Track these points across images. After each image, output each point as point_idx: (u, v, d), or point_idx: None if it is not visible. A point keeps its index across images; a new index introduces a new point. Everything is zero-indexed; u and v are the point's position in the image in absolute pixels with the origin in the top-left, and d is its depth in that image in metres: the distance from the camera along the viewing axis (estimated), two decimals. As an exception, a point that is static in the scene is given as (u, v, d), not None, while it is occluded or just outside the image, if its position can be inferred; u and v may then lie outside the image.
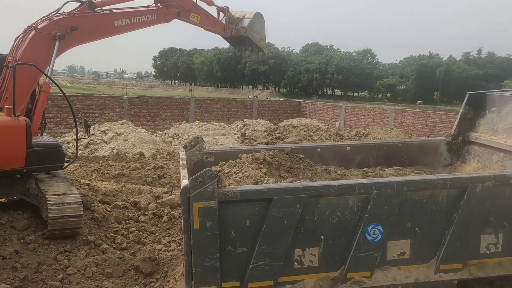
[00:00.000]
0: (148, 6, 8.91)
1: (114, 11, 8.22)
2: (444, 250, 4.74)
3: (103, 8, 8.11)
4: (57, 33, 7.38)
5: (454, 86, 69.90)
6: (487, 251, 4.92)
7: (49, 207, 6.75)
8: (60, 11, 7.82)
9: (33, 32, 7.38)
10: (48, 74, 7.47)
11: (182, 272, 5.40)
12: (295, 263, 4.50)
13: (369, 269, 4.61)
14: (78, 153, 9.89)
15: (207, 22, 9.90)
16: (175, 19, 9.46)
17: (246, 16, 10.35)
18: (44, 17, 7.77)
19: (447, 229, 4.74)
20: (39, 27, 7.48)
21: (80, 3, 7.85)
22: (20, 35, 7.67)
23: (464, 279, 4.84)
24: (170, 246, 7.55)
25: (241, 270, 4.39)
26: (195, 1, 9.64)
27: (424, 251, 4.77)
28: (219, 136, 20.01)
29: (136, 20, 8.34)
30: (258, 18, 10.56)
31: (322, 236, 4.50)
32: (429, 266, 4.78)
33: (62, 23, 7.54)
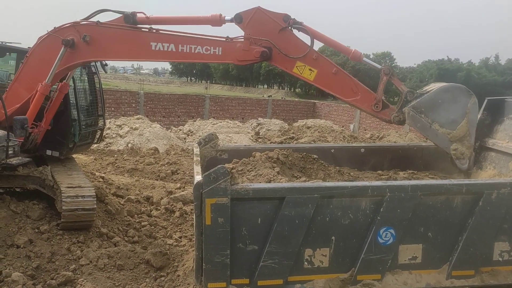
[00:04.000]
0: (215, 36, 6.01)
1: (161, 31, 6.13)
2: (457, 256, 4.69)
3: (146, 27, 6.22)
4: (67, 39, 6.31)
5: (472, 91, 68.92)
6: (500, 259, 4.85)
7: (63, 200, 6.84)
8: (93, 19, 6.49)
9: (47, 33, 6.67)
10: (49, 81, 6.65)
11: (192, 267, 5.45)
12: (305, 263, 4.49)
13: (379, 272, 4.58)
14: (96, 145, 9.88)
15: (339, 89, 5.96)
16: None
17: (429, 89, 5.86)
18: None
19: (461, 235, 4.69)
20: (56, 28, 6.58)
21: (121, 15, 6.27)
22: (44, 34, 6.80)
23: (476, 286, 4.78)
24: (181, 241, 7.61)
25: (251, 268, 4.41)
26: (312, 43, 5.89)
27: (436, 256, 4.72)
28: (233, 134, 20.08)
29: (187, 49, 5.96)
30: (445, 95, 5.73)
31: (333, 237, 4.49)
32: (441, 272, 4.73)
33: (81, 29, 6.30)
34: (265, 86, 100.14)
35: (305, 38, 5.99)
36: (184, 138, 20.06)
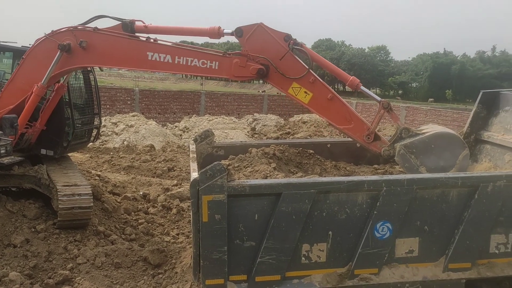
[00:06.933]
0: (212, 51, 6.05)
1: (158, 41, 6.13)
2: (453, 249, 4.71)
3: (144, 36, 6.18)
4: (64, 43, 6.28)
5: (467, 84, 69.09)
6: (497, 251, 4.87)
7: (59, 198, 6.83)
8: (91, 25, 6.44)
9: (44, 36, 6.64)
10: (44, 83, 6.63)
11: (190, 264, 5.45)
12: (303, 258, 4.50)
13: (376, 266, 4.60)
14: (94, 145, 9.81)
15: (332, 115, 5.93)
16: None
17: (425, 131, 5.82)
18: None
19: (457, 228, 4.71)
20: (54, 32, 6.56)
21: (119, 22, 6.26)
22: (41, 37, 6.75)
23: (473, 279, 4.81)
24: (179, 238, 7.62)
25: (249, 264, 4.41)
26: (310, 66, 5.87)
27: (432, 249, 4.74)
28: (229, 130, 20.05)
29: (183, 61, 5.96)
30: (439, 141, 5.62)
31: (330, 232, 4.49)
32: (438, 265, 4.75)
33: (78, 34, 6.28)
34: (261, 81, 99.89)
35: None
36: (180, 135, 20.03)
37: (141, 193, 9.84)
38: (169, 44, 6.10)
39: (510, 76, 67.91)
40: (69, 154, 8.79)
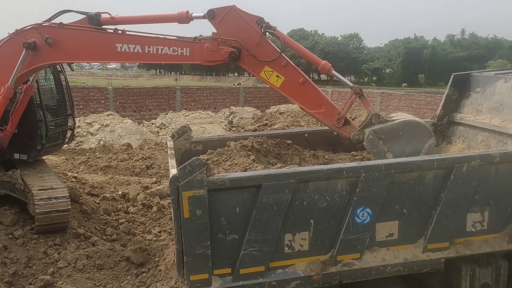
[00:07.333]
0: (179, 38, 5.89)
1: (126, 32, 5.96)
2: (432, 229, 4.80)
3: (111, 28, 6.02)
4: (29, 41, 6.07)
5: (439, 68, 70.34)
6: (473, 229, 5.00)
7: (36, 203, 6.70)
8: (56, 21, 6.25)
9: (8, 35, 6.43)
10: (11, 84, 6.40)
11: (174, 261, 5.42)
12: (286, 248, 4.52)
13: (358, 251, 4.66)
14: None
15: (304, 99, 5.93)
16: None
17: (394, 118, 5.91)
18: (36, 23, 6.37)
19: (434, 209, 4.80)
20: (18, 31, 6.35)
21: (85, 16, 6.07)
22: (5, 37, 6.53)
23: (452, 257, 4.92)
24: (161, 236, 7.58)
25: (233, 257, 4.41)
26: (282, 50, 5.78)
27: (412, 231, 4.82)
28: (207, 125, 19.96)
29: (153, 50, 5.83)
30: (407, 129, 5.70)
31: (311, 221, 4.52)
32: (417, 246, 4.84)
33: (43, 31, 6.09)
34: (236, 74, 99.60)
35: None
36: (157, 132, 19.85)
37: (120, 192, 9.73)
38: (138, 34, 5.94)
39: (480, 58, 69.46)
40: (44, 157, 8.61)
